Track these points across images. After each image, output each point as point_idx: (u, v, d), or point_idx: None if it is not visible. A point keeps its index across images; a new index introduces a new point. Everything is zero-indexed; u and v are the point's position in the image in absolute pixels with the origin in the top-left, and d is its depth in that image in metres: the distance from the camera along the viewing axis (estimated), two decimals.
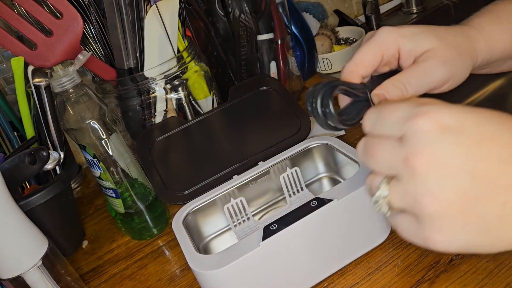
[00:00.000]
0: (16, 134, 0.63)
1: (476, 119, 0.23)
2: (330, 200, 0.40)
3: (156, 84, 0.57)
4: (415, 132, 0.23)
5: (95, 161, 0.51)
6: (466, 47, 0.35)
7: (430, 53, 0.33)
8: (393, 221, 0.26)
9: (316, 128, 0.63)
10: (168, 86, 0.58)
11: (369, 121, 0.27)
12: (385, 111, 0.26)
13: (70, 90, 0.48)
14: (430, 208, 0.23)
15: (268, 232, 0.39)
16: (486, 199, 0.22)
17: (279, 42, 0.69)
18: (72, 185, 0.73)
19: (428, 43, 0.34)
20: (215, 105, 0.64)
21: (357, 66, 0.34)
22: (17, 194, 0.55)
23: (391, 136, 0.25)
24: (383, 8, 1.05)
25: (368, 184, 0.28)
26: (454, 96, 0.88)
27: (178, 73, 0.59)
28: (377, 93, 0.32)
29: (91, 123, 0.49)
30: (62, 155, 0.54)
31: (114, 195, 0.54)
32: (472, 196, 0.22)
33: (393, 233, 0.45)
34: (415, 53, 0.34)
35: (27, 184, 0.60)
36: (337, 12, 0.98)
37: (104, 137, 0.50)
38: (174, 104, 0.60)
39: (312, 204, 0.40)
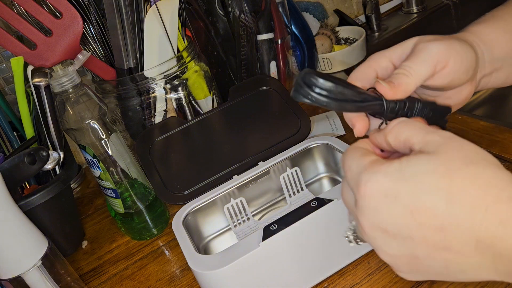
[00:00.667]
0: (15, 134, 0.63)
1: (410, 189, 0.24)
2: (330, 200, 0.40)
3: (156, 84, 0.57)
4: (360, 201, 0.26)
5: (95, 161, 0.51)
6: (463, 36, 0.35)
7: (420, 41, 0.33)
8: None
9: (316, 128, 0.63)
10: (168, 86, 0.58)
11: (343, 164, 0.29)
12: (345, 166, 0.28)
13: (70, 90, 0.48)
14: (384, 258, 0.27)
15: (268, 232, 0.39)
16: (429, 257, 0.25)
17: (279, 42, 0.69)
18: (72, 185, 0.73)
19: (411, 40, 0.34)
20: (215, 105, 0.64)
21: (355, 83, 0.34)
22: (17, 194, 0.55)
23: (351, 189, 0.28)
24: (383, 8, 1.05)
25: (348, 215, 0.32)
26: None
27: (178, 73, 0.58)
28: (387, 82, 0.31)
29: (91, 123, 0.49)
30: (61, 155, 0.54)
31: (114, 195, 0.54)
32: (416, 255, 0.25)
33: None
34: (406, 51, 0.34)
35: (27, 184, 0.60)
36: (337, 12, 0.98)
37: (104, 137, 0.50)
38: (174, 104, 0.60)
39: (312, 204, 0.40)
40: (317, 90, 0.27)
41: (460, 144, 0.25)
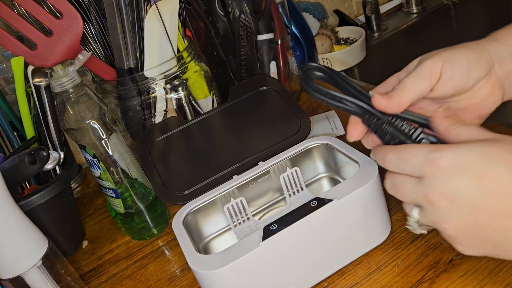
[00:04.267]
0: (16, 134, 0.63)
1: (477, 160, 0.27)
2: (330, 200, 0.40)
3: (156, 84, 0.57)
4: (430, 175, 0.29)
5: (95, 161, 0.51)
6: (464, 44, 0.35)
7: (422, 58, 0.36)
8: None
9: (316, 128, 0.63)
10: (168, 86, 0.58)
11: (390, 162, 0.32)
12: (405, 155, 0.31)
13: (70, 90, 0.48)
14: (448, 232, 0.29)
15: (268, 232, 0.39)
16: (490, 226, 0.27)
17: (279, 42, 0.69)
18: (72, 185, 0.73)
19: (416, 59, 0.37)
20: (215, 105, 0.64)
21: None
22: (17, 194, 0.55)
23: (412, 175, 0.31)
24: (383, 8, 1.05)
25: (404, 208, 0.35)
26: None
27: (178, 73, 0.58)
28: (382, 95, 0.35)
29: (91, 123, 0.49)
30: (62, 155, 0.54)
31: (114, 195, 0.54)
32: (478, 224, 0.27)
33: (393, 233, 0.45)
34: (409, 69, 0.37)
35: (27, 184, 0.60)
36: (337, 12, 0.98)
37: (104, 137, 0.50)
38: (174, 104, 0.60)
39: (312, 204, 0.40)
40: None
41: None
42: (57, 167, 0.56)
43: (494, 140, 0.28)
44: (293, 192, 0.51)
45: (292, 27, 0.75)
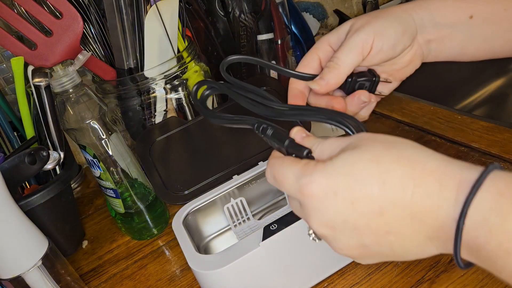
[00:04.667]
0: (16, 134, 0.63)
1: (345, 180, 0.25)
2: None
3: (156, 84, 0.57)
4: (305, 204, 0.27)
5: (95, 161, 0.51)
6: (392, 11, 0.36)
7: (352, 26, 0.36)
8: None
9: (314, 128, 0.63)
10: (168, 86, 0.58)
11: (268, 177, 0.30)
12: (278, 176, 0.29)
13: (70, 90, 0.48)
14: (340, 252, 0.28)
15: (268, 232, 0.39)
16: (376, 243, 0.26)
17: (279, 42, 0.69)
18: (72, 185, 0.73)
19: (347, 24, 0.37)
20: (215, 105, 0.64)
21: (303, 69, 0.38)
22: (17, 194, 0.55)
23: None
24: (383, 8, 1.05)
25: None
26: (456, 96, 0.87)
27: (178, 73, 0.58)
28: (318, 81, 0.36)
29: (91, 123, 0.49)
30: (62, 155, 0.54)
31: (114, 195, 0.54)
32: (364, 244, 0.26)
33: None
34: (341, 36, 0.37)
35: (27, 184, 0.60)
36: (337, 12, 0.98)
37: (104, 137, 0.50)
38: (174, 104, 0.60)
39: None
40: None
41: (374, 136, 0.27)
42: (57, 167, 0.55)
43: (353, 147, 0.26)
44: None
45: (292, 27, 0.75)
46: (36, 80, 0.50)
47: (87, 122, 0.49)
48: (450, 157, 0.24)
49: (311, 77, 0.37)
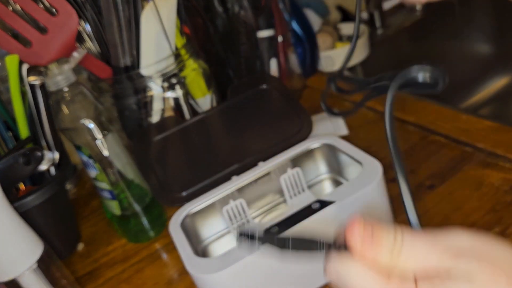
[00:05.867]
0: (11, 134, 0.63)
1: None
2: (331, 202, 0.39)
3: (153, 82, 0.57)
4: None
5: (91, 162, 0.51)
6: None
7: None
8: None
9: (317, 128, 0.62)
10: (166, 84, 0.58)
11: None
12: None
13: (65, 89, 0.47)
14: None
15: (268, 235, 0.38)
16: None
17: (280, 39, 0.69)
18: (67, 186, 0.73)
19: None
20: (214, 104, 0.63)
21: None
22: (12, 195, 0.54)
23: None
24: (387, 5, 1.04)
25: None
26: (461, 95, 0.86)
27: (175, 71, 0.58)
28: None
29: (87, 122, 0.48)
30: (57, 156, 0.54)
31: (110, 197, 0.53)
32: None
33: None
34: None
35: (22, 185, 0.60)
36: (339, 8, 0.97)
37: (100, 137, 0.50)
38: (172, 103, 0.59)
39: (314, 206, 0.40)
40: None
41: (491, 260, 0.22)
42: (52, 168, 0.55)
43: (469, 280, 0.21)
44: (294, 194, 0.50)
45: (293, 23, 0.74)
46: (31, 78, 0.49)
47: (82, 121, 0.48)
48: None
49: None
